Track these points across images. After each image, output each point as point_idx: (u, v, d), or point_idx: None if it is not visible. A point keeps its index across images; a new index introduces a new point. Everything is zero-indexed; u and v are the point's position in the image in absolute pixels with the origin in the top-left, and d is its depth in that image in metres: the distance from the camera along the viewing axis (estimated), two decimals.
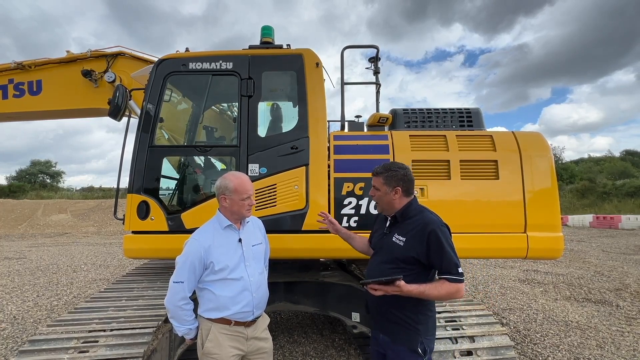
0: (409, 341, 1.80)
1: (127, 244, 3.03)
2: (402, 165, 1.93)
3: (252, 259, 2.04)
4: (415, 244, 1.77)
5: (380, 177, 1.91)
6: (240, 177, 2.02)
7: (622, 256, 9.79)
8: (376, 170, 1.96)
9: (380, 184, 1.91)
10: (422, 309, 1.82)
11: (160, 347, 2.42)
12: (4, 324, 4.61)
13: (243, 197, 1.96)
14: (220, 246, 1.95)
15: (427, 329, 1.84)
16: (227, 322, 1.93)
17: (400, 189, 1.88)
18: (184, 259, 1.89)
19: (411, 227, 1.83)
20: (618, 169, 34.84)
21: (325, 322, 4.57)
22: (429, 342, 1.85)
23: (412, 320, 1.80)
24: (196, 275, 1.90)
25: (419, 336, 1.80)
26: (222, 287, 1.93)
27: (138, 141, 3.12)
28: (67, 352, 2.12)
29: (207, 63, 3.21)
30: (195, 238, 1.95)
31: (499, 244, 3.02)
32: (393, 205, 1.91)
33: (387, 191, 1.89)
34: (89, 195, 32.01)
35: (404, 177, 1.88)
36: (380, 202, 1.95)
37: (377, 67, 3.79)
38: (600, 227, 18.75)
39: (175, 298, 1.88)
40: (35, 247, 12.63)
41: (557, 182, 3.16)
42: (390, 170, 1.90)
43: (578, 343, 4.01)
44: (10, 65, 4.17)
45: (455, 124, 3.47)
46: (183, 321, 1.94)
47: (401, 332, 1.82)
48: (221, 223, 2.01)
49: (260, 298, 2.04)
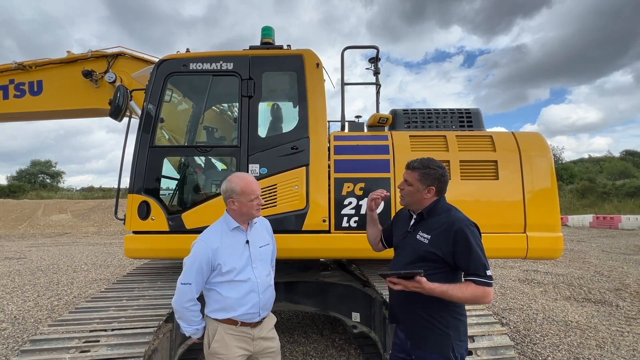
0: (439, 346, 1.68)
1: (128, 244, 3.04)
2: (440, 164, 1.80)
3: (259, 261, 2.04)
4: (441, 242, 1.68)
5: (417, 172, 1.79)
6: (246, 178, 2.01)
7: (622, 256, 9.79)
8: (412, 164, 1.83)
9: (415, 179, 1.79)
10: (451, 312, 1.70)
11: (161, 347, 2.42)
12: (4, 324, 4.61)
13: (251, 198, 1.96)
14: (228, 248, 1.95)
15: (459, 334, 1.72)
16: (233, 322, 1.94)
17: (435, 188, 1.78)
18: (192, 261, 1.89)
19: (437, 224, 1.73)
20: (618, 169, 34.84)
21: (326, 322, 4.58)
22: (461, 347, 1.71)
23: (442, 324, 1.68)
24: (204, 277, 1.91)
25: (449, 341, 1.67)
26: (229, 289, 1.93)
27: (139, 141, 3.13)
28: (68, 351, 2.12)
29: (207, 63, 3.22)
30: (203, 240, 1.95)
31: (499, 244, 3.02)
32: (422, 203, 1.80)
33: (420, 188, 1.78)
34: (89, 195, 32.01)
35: (440, 177, 1.77)
36: (409, 197, 1.84)
37: (377, 68, 3.80)
38: (600, 227, 18.75)
39: (183, 299, 1.88)
40: (36, 247, 12.63)
41: (557, 182, 3.17)
42: (429, 168, 1.78)
43: (578, 343, 4.02)
44: (11, 65, 4.18)
45: (455, 125, 3.48)
46: (190, 322, 1.95)
47: (430, 336, 1.70)
48: (229, 225, 2.01)
49: (267, 299, 2.05)
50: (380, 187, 3.05)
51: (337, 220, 3.03)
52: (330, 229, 3.02)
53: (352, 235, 3.00)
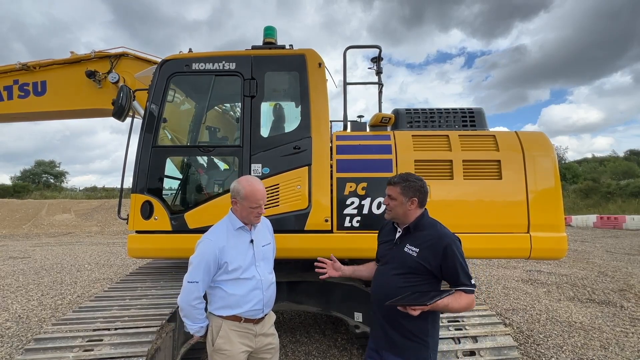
0: (417, 356, 1.78)
1: (131, 244, 3.05)
2: (418, 177, 1.96)
3: (262, 259, 2.09)
4: (429, 255, 1.79)
5: (398, 186, 1.92)
6: (254, 185, 2.01)
7: (626, 257, 9.72)
8: (393, 180, 1.97)
9: (397, 193, 1.92)
10: (431, 319, 1.81)
11: (164, 346, 2.43)
12: (9, 323, 4.64)
13: (253, 205, 1.99)
14: (234, 247, 1.99)
15: (435, 343, 1.84)
16: (237, 319, 1.98)
17: (417, 199, 1.90)
18: (199, 259, 1.91)
19: (425, 239, 1.84)
20: (622, 169, 34.61)
21: (328, 322, 4.58)
22: (434, 355, 1.84)
23: (422, 332, 1.79)
24: (210, 275, 1.94)
25: (428, 351, 1.79)
26: (234, 286, 1.97)
27: (142, 141, 3.13)
28: (72, 350, 2.14)
29: (210, 63, 3.22)
30: (210, 238, 1.98)
31: (502, 244, 3.01)
32: (408, 215, 1.92)
33: (403, 201, 1.90)
34: (92, 195, 32.15)
35: (420, 189, 1.91)
36: (394, 211, 1.96)
37: (379, 67, 3.78)
38: (604, 227, 18.62)
39: (190, 298, 1.91)
40: (40, 247, 12.71)
41: (561, 182, 3.15)
42: (408, 181, 1.92)
43: (582, 344, 3.99)
44: (15, 66, 4.20)
45: (457, 124, 3.46)
46: (196, 319, 1.97)
47: (408, 346, 1.79)
48: (234, 224, 2.05)
49: (270, 296, 2.10)
50: (383, 186, 3.03)
51: (339, 220, 3.02)
52: (333, 228, 3.02)
53: (355, 235, 3.00)
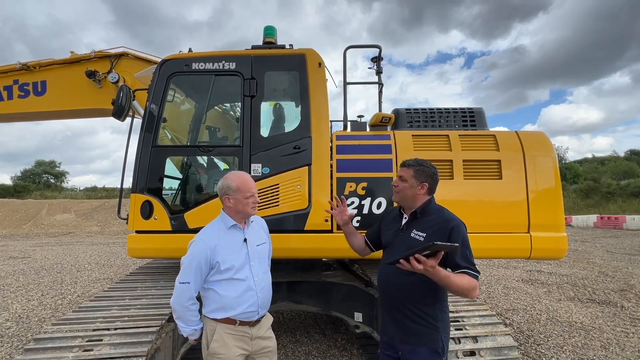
0: (430, 341, 1.77)
1: (131, 244, 3.04)
2: (432, 165, 1.95)
3: (256, 259, 2.05)
4: (436, 239, 1.76)
5: (411, 169, 1.92)
6: (242, 176, 2.01)
7: (626, 257, 9.71)
8: (407, 162, 1.96)
9: (410, 176, 1.91)
10: (438, 305, 1.80)
11: (163, 346, 2.43)
12: (9, 323, 4.64)
13: (247, 195, 1.96)
14: (226, 246, 1.95)
15: (445, 326, 1.83)
16: (232, 322, 1.94)
17: (427, 185, 1.90)
18: (190, 260, 1.88)
19: (431, 223, 1.84)
20: (622, 169, 34.59)
21: (328, 322, 4.57)
22: (447, 340, 1.83)
23: (430, 317, 1.78)
24: (202, 275, 1.90)
25: (439, 334, 1.78)
26: (227, 287, 1.93)
27: (141, 141, 3.13)
28: (71, 350, 2.13)
29: (210, 63, 3.22)
30: (201, 238, 1.94)
31: (502, 244, 3.00)
32: (416, 199, 1.91)
33: (414, 184, 1.90)
34: (92, 195, 32.18)
35: (432, 175, 1.91)
36: (403, 193, 1.94)
37: (379, 67, 3.78)
38: (605, 227, 18.62)
39: (182, 299, 1.88)
40: (40, 247, 12.71)
41: (561, 182, 3.15)
42: (422, 165, 1.92)
43: (582, 344, 3.99)
44: (16, 66, 4.20)
45: (458, 124, 3.46)
46: (189, 321, 1.94)
47: (420, 331, 1.79)
48: (226, 223, 2.01)
49: (264, 298, 2.05)
50: (383, 186, 3.04)
51: None
52: (333, 228, 3.01)
53: None
